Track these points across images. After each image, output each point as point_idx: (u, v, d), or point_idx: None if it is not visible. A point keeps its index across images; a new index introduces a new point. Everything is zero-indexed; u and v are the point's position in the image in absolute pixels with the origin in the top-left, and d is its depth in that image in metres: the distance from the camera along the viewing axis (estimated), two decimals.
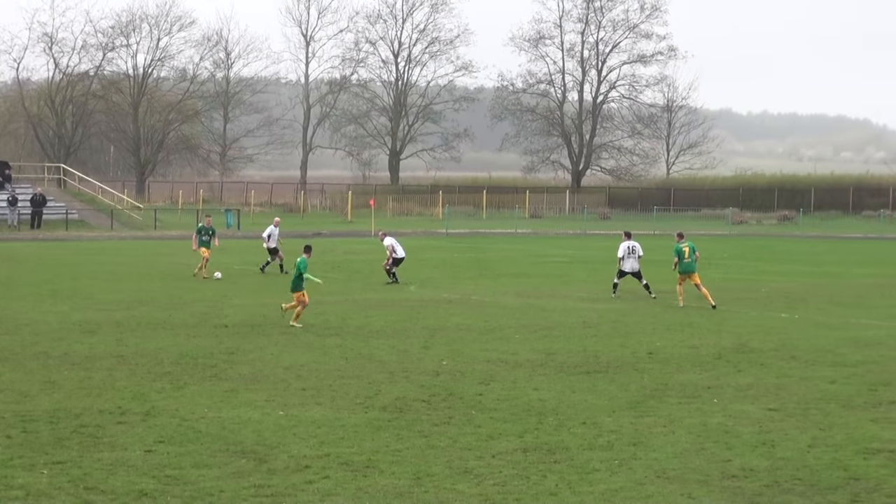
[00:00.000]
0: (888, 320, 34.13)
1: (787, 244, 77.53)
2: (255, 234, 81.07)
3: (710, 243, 71.12)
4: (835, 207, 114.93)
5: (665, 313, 35.40)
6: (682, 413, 20.13)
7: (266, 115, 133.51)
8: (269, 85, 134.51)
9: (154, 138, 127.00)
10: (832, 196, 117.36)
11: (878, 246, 77.15)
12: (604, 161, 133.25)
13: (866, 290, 43.66)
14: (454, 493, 15.01)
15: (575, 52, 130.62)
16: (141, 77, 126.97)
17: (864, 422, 19.55)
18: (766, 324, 33.05)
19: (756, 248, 71.29)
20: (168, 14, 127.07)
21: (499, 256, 61.93)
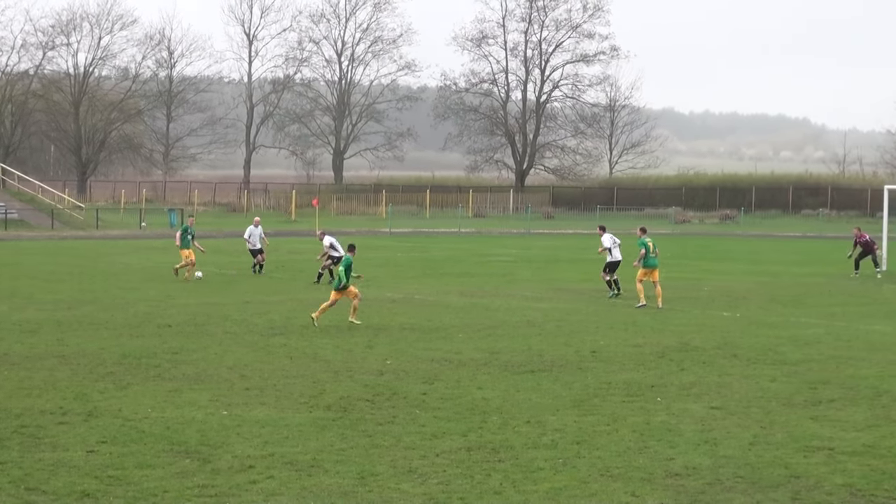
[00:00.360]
0: (827, 319, 34.41)
1: (728, 243, 78.03)
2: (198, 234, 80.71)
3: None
4: (775, 206, 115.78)
5: (609, 312, 35.52)
6: (625, 411, 20.20)
7: (209, 115, 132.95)
8: (212, 84, 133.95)
9: (96, 137, 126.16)
10: (772, 195, 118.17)
11: (816, 245, 77.78)
12: (547, 160, 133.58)
13: (806, 289, 44.00)
14: (398, 493, 14.99)
15: (518, 51, 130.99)
16: (82, 76, 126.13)
17: (804, 420, 19.69)
18: (708, 322, 33.24)
19: (698, 247, 71.67)
20: (109, 13, 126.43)
21: (442, 255, 61.95)
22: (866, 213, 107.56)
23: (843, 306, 37.98)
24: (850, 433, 18.66)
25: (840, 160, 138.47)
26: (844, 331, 31.55)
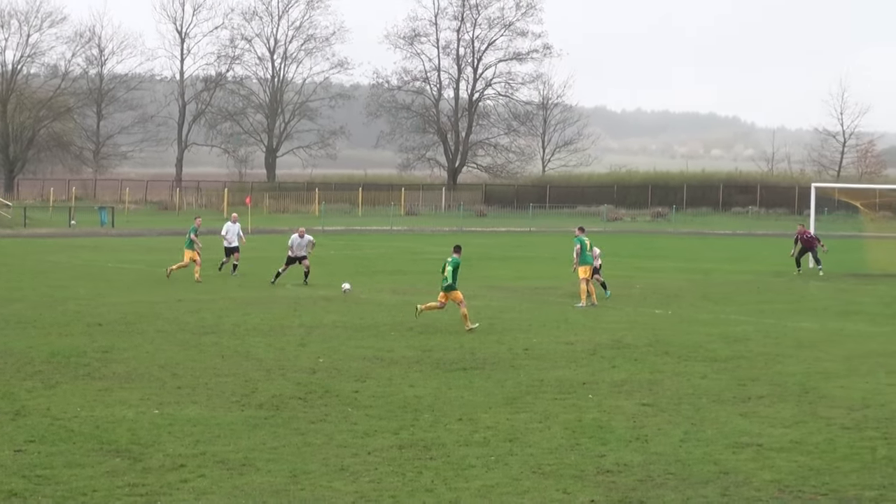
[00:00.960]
0: (757, 316, 34.70)
1: (660, 241, 78.50)
2: (129, 232, 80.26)
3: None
4: (706, 204, 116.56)
5: (541, 310, 35.63)
6: (557, 409, 20.27)
7: (141, 112, 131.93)
8: (143, 82, 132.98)
9: (24, 136, 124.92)
10: (703, 193, 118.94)
11: (746, 242, 78.41)
12: (480, 158, 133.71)
13: (736, 286, 44.35)
14: (330, 491, 14.97)
15: (450, 49, 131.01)
16: (10, 74, 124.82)
17: (733, 416, 19.85)
18: (640, 320, 33.42)
19: (630, 245, 72.04)
20: (38, 10, 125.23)
21: (375, 253, 61.89)
22: (794, 210, 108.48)
23: (772, 304, 38.31)
24: (778, 429, 18.83)
25: (769, 158, 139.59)
26: (773, 328, 31.84)
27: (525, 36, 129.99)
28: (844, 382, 23.27)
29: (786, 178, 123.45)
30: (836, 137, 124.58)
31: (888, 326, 32.45)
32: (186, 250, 44.86)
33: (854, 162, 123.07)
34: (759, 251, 67.12)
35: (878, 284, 45.56)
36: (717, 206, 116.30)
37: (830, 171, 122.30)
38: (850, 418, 19.72)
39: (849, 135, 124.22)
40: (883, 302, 38.95)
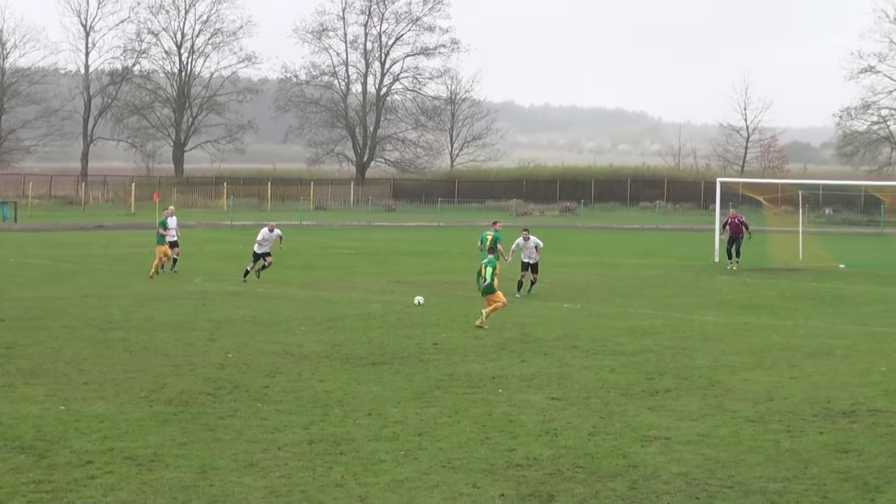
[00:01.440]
0: (664, 310, 35.00)
1: (569, 235, 78.85)
2: (33, 227, 79.25)
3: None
4: (614, 199, 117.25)
5: (450, 305, 35.68)
6: (466, 403, 20.32)
7: (44, 107, 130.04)
8: (47, 76, 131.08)
9: None
10: (611, 188, 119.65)
11: (654, 237, 79.03)
12: (388, 153, 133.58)
13: (643, 281, 44.70)
14: (240, 486, 14.90)
15: (358, 44, 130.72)
16: None
17: (641, 410, 20.01)
18: (549, 314, 33.58)
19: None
20: None
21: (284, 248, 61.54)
22: (700, 205, 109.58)
23: (679, 297, 38.67)
24: (685, 422, 19.02)
25: (676, 153, 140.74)
26: (680, 322, 32.14)
27: (432, 31, 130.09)
28: (749, 375, 23.55)
29: (692, 173, 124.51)
30: (740, 132, 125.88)
31: (790, 320, 32.88)
32: (158, 246, 44.10)
33: (758, 157, 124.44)
34: (667, 245, 67.69)
35: (780, 279, 46.13)
36: (624, 200, 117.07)
37: (735, 165, 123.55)
38: (754, 411, 19.96)
39: (752, 130, 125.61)
40: (785, 296, 39.44)
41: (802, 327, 31.32)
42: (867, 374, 23.79)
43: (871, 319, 33.33)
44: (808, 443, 17.71)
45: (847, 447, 17.44)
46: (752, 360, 25.47)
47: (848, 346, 27.82)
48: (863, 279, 46.14)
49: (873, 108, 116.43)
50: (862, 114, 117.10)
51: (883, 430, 18.61)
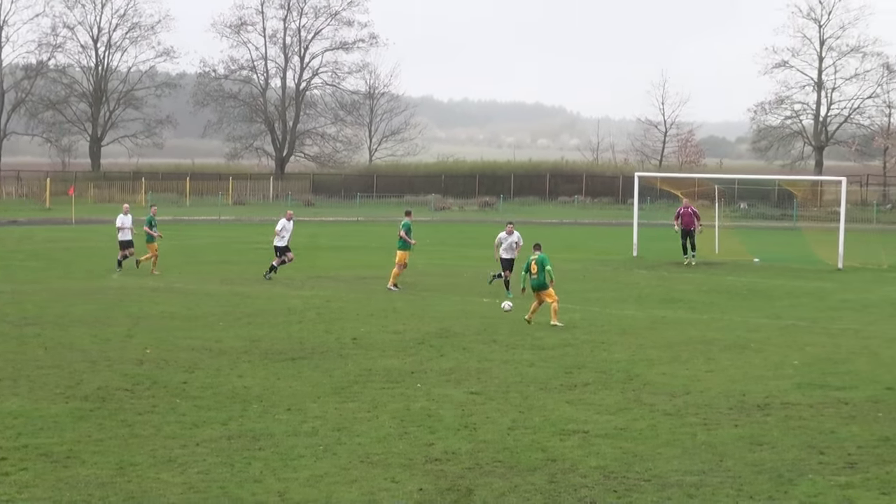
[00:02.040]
0: (583, 304, 35.17)
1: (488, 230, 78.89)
2: None
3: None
4: (533, 193, 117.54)
5: (369, 300, 35.65)
6: (385, 398, 20.33)
7: None
8: None
9: None
10: (530, 182, 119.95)
11: (573, 231, 79.36)
12: (308, 148, 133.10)
13: (562, 275, 44.77)
14: (157, 483, 14.81)
15: (277, 38, 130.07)
16: None
17: (560, 403, 20.11)
18: (468, 308, 33.64)
19: (458, 234, 72.40)
20: None
21: (203, 244, 61.24)
22: (618, 199, 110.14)
23: (598, 292, 38.87)
24: (603, 416, 19.14)
25: (594, 148, 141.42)
26: (599, 316, 32.32)
27: (351, 25, 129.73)
28: (666, 369, 23.75)
29: (610, 168, 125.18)
30: (657, 127, 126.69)
31: (706, 314, 33.17)
32: (148, 244, 43.80)
33: (675, 151, 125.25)
34: (585, 240, 68.02)
35: (696, 272, 46.50)
36: (543, 195, 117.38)
37: (653, 160, 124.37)
38: (671, 405, 20.13)
39: (670, 125, 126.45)
40: (701, 290, 39.77)
41: (718, 321, 31.62)
42: (781, 368, 24.07)
43: (785, 313, 33.72)
44: (724, 436, 17.89)
45: (761, 440, 17.65)
46: (669, 354, 25.68)
47: (762, 339, 28.13)
48: (776, 273, 46.65)
49: (787, 102, 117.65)
50: (776, 108, 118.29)
51: (795, 422, 18.85)
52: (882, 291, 39.84)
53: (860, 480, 15.50)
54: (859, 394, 21.28)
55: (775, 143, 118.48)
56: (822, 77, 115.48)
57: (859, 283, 42.36)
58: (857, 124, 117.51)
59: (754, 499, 14.71)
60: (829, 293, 39.28)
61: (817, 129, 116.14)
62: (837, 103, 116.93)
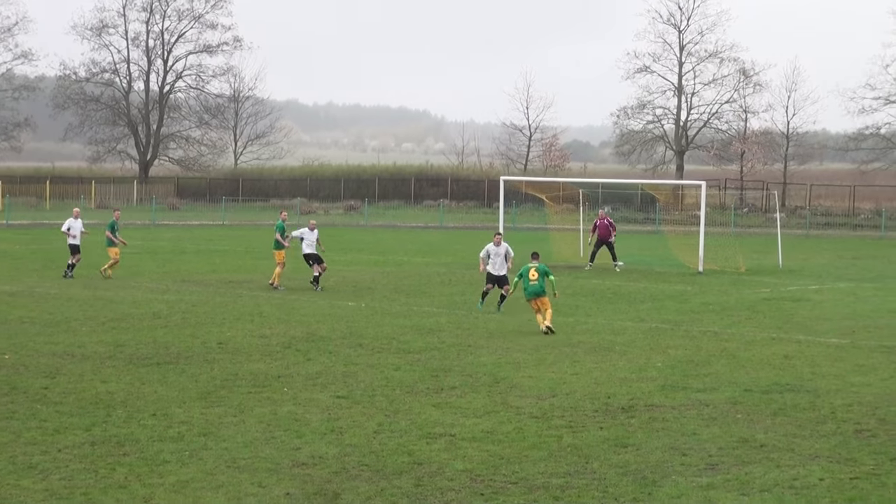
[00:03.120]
0: (448, 308, 35.28)
1: (353, 234, 78.90)
2: None
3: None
4: (398, 197, 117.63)
5: (235, 304, 35.40)
6: (252, 402, 20.20)
7: None
8: None
9: None
10: (395, 186, 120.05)
11: (438, 235, 79.58)
12: (172, 151, 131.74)
13: (428, 279, 44.98)
14: (18, 489, 14.56)
15: (140, 41, 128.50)
16: None
17: (426, 407, 20.15)
18: (334, 312, 33.57)
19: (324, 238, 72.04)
20: None
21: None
22: (484, 203, 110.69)
23: (463, 295, 39.01)
24: (470, 419, 19.21)
25: (459, 152, 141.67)
26: (465, 319, 32.45)
27: (215, 28, 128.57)
28: (533, 372, 23.91)
29: (476, 172, 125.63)
30: (522, 131, 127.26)
31: (572, 317, 33.46)
32: (109, 248, 43.34)
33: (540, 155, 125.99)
34: (451, 244, 68.23)
35: (561, 275, 46.74)
36: (408, 199, 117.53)
37: (518, 164, 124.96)
38: (538, 408, 20.26)
39: (535, 129, 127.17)
40: (566, 293, 40.05)
41: (584, 324, 31.93)
42: (644, 370, 24.37)
43: (648, 316, 34.16)
44: (589, 438, 18.06)
45: (626, 442, 17.85)
46: (535, 357, 25.86)
47: (626, 342, 28.47)
48: (639, 276, 47.22)
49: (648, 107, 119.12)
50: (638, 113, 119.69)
51: (659, 424, 19.09)
52: (740, 294, 40.54)
53: (721, 481, 15.75)
54: (719, 395, 21.63)
55: (638, 147, 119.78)
56: (682, 82, 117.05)
57: (719, 286, 43.06)
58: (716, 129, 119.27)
59: (619, 500, 14.87)
60: (690, 296, 39.88)
61: (678, 133, 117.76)
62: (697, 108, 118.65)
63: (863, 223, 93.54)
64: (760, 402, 20.96)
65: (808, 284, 44.43)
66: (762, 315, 34.72)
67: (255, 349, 26.33)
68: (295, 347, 26.65)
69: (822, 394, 21.91)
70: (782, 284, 44.34)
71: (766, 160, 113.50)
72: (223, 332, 28.81)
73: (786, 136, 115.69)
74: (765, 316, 34.53)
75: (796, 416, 19.86)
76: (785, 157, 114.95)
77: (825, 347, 28.07)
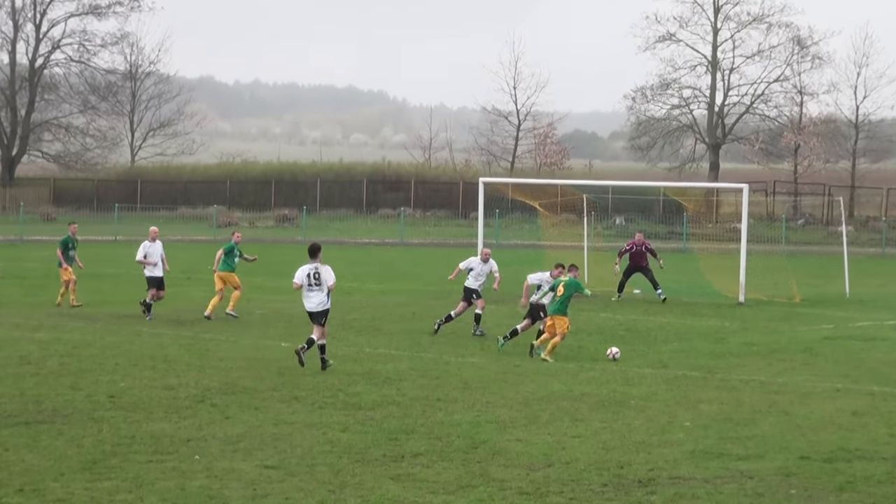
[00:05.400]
0: (412, 349, 35.27)
1: (288, 252, 78.76)
2: None
3: (190, 252, 71.58)
4: (346, 205, 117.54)
5: (132, 345, 35.34)
6: (153, 474, 20.16)
7: None
8: None
9: None
10: (342, 190, 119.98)
11: (398, 254, 79.63)
12: (47, 144, 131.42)
13: (384, 312, 44.96)
14: None
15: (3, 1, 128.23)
16: None
17: (382, 479, 20.12)
18: (262, 356, 33.53)
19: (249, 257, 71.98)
20: None
21: None
22: (458, 213, 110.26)
23: (430, 333, 38.96)
24: (439, 496, 19.20)
25: (426, 145, 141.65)
26: (433, 364, 32.44)
27: None
28: (522, 434, 23.91)
29: (447, 172, 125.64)
30: (508, 119, 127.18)
31: (573, 362, 33.48)
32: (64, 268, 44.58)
33: (531, 150, 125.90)
34: (415, 265, 68.29)
35: None
36: (359, 207, 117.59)
37: (503, 161, 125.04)
38: (529, 480, 20.26)
39: (524, 116, 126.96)
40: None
41: (589, 371, 31.97)
42: (668, 431, 24.40)
43: (673, 360, 34.22)
44: None
45: None
46: (525, 414, 25.87)
47: (645, 394, 28.50)
48: (662, 308, 47.33)
49: (673, 87, 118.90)
50: (660, 95, 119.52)
51: (688, 502, 19.11)
52: (793, 332, 40.70)
53: None
54: (767, 465, 21.66)
55: (659, 139, 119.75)
56: (718, 55, 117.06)
57: (766, 322, 43.24)
58: (762, 116, 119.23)
59: None
60: (728, 334, 39.99)
61: (712, 121, 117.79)
62: (737, 88, 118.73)
63: None
64: (821, 474, 21.01)
65: (885, 319, 44.62)
66: (823, 359, 34.84)
67: (158, 404, 26.27)
68: (210, 402, 26.61)
69: None
70: (850, 319, 44.51)
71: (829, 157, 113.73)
72: (115, 383, 28.75)
73: (854, 126, 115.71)
74: (827, 360, 34.65)
75: (869, 492, 19.92)
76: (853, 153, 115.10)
77: None
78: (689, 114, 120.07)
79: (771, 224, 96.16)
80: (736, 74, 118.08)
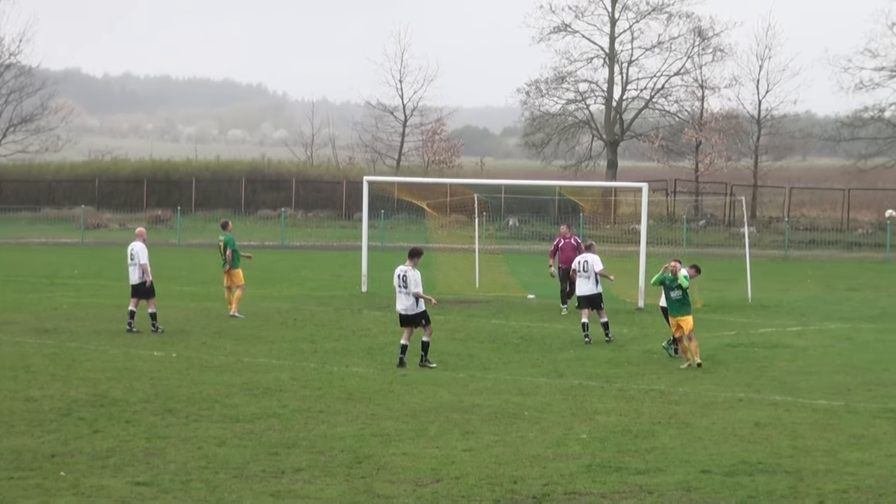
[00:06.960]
0: (293, 359, 35.19)
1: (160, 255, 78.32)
2: None
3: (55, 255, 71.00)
4: (223, 205, 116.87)
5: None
6: (14, 492, 20.02)
7: None
8: None
9: None
10: (219, 189, 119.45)
11: (279, 258, 79.32)
12: None
13: (264, 319, 44.83)
14: None
15: None
16: None
17: (262, 496, 20.09)
18: (132, 365, 33.34)
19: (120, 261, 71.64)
20: None
21: None
22: (342, 213, 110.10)
23: (313, 342, 38.94)
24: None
25: (307, 142, 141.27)
26: (315, 375, 32.40)
27: None
28: (409, 448, 23.92)
29: (330, 170, 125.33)
30: (394, 114, 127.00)
31: (463, 371, 33.52)
32: None
33: (419, 147, 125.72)
34: (297, 269, 68.10)
35: (449, 314, 46.75)
36: (237, 206, 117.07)
37: (389, 159, 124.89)
38: (416, 497, 20.28)
39: (412, 111, 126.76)
40: (456, 338, 40.11)
41: (480, 381, 32.02)
42: (564, 444, 24.50)
43: (569, 369, 34.34)
44: None
45: None
46: (412, 427, 25.88)
47: (539, 405, 28.58)
48: (558, 315, 47.42)
49: (569, 81, 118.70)
50: (555, 90, 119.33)
51: None
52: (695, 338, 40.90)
53: None
54: (666, 479, 21.79)
55: (555, 135, 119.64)
56: (616, 46, 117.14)
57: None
58: (662, 111, 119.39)
59: None
60: (626, 342, 40.18)
61: (610, 116, 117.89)
62: (636, 82, 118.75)
63: (861, 240, 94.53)
64: (723, 488, 21.16)
65: (788, 325, 44.98)
66: (725, 367, 35.08)
67: (20, 418, 26.09)
68: (77, 415, 26.44)
69: (806, 476, 22.17)
70: (752, 325, 44.84)
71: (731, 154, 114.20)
72: None
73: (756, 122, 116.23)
74: (728, 368, 34.89)
75: None
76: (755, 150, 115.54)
77: (810, 412, 28.41)
78: (586, 109, 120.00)
79: (671, 225, 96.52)
80: (635, 67, 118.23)
